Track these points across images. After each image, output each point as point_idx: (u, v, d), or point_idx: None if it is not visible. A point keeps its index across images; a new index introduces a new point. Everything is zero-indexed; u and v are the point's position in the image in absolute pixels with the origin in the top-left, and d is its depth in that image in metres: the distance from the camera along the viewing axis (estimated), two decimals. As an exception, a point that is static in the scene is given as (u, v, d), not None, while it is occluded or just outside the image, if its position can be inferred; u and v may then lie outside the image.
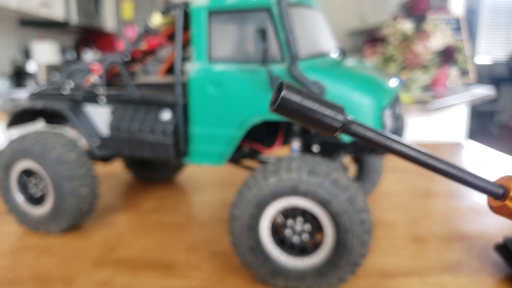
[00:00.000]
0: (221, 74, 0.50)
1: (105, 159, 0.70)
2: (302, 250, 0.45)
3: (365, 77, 0.49)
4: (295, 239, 0.45)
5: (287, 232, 0.45)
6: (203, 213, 0.72)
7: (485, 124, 5.57)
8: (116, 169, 0.98)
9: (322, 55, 0.53)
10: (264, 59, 0.45)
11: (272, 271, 0.45)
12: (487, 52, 5.66)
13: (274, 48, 0.47)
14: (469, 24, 5.15)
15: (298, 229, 0.45)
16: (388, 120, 0.46)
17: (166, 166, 0.88)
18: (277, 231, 0.46)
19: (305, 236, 0.45)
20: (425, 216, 0.68)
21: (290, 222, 0.45)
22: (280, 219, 0.46)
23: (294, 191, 0.43)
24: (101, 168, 0.97)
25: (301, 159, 0.44)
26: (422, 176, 0.94)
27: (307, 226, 0.44)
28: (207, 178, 0.91)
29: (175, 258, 0.54)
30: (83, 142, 0.63)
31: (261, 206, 0.45)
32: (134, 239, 0.60)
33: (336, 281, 0.44)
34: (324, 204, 0.42)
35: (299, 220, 0.44)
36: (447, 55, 2.27)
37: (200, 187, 0.85)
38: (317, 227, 0.44)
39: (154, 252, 0.56)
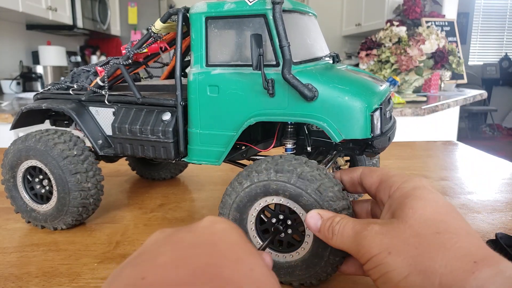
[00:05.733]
0: (219, 77, 0.52)
1: (109, 159, 0.72)
2: (290, 245, 0.47)
3: (356, 81, 0.51)
4: (282, 235, 0.47)
5: (277, 227, 0.47)
6: (204, 209, 0.74)
7: (478, 125, 5.62)
8: (121, 167, 1.00)
9: (316, 59, 0.55)
10: (259, 63, 0.46)
11: None
12: (479, 55, 5.71)
13: (269, 52, 0.49)
14: (462, 27, 5.22)
15: (282, 225, 0.47)
16: (378, 122, 0.48)
17: (171, 165, 0.90)
18: (265, 230, 0.48)
19: (290, 231, 0.46)
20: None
21: (274, 220, 0.47)
22: (265, 219, 0.48)
23: (266, 192, 0.45)
24: (105, 167, 0.99)
25: (270, 159, 0.46)
26: (415, 175, 0.96)
27: (289, 221, 0.46)
28: (208, 177, 0.94)
29: (176, 253, 0.56)
30: (87, 143, 0.66)
31: (241, 210, 0.47)
32: (139, 235, 0.62)
33: (325, 274, 0.45)
34: (295, 198, 0.44)
35: (281, 217, 0.46)
36: (441, 58, 2.31)
37: (201, 186, 0.88)
38: (297, 221, 0.46)
39: (156, 248, 0.58)
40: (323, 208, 0.42)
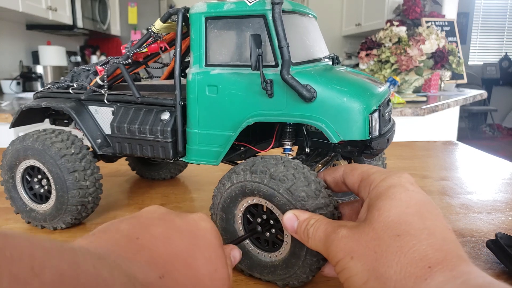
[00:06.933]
0: (218, 77, 0.52)
1: (108, 158, 0.72)
2: (274, 244, 0.47)
3: (354, 83, 0.51)
4: (267, 235, 0.47)
5: (255, 227, 0.48)
6: (204, 209, 0.74)
7: (478, 125, 5.62)
8: (121, 167, 1.00)
9: (315, 61, 0.55)
10: (258, 64, 0.46)
11: (249, 266, 0.48)
12: (479, 55, 5.72)
13: (268, 53, 0.49)
14: (462, 27, 5.22)
15: (266, 225, 0.47)
16: (376, 123, 0.48)
17: (171, 165, 0.90)
18: (254, 229, 0.48)
19: (273, 231, 0.47)
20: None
21: (259, 220, 0.47)
22: (251, 219, 0.48)
23: (244, 192, 0.45)
24: (105, 167, 0.99)
25: (249, 161, 0.47)
26: (415, 175, 0.96)
27: (271, 221, 0.47)
28: (208, 177, 0.94)
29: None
30: (86, 142, 0.66)
31: (225, 210, 0.48)
32: (137, 235, 0.62)
33: (305, 276, 0.45)
34: (269, 198, 0.44)
35: (264, 217, 0.47)
36: (441, 58, 2.31)
37: (201, 186, 0.88)
38: (278, 221, 0.46)
39: (155, 247, 0.58)
40: (297, 208, 0.41)
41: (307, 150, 0.57)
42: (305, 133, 0.57)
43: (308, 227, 0.38)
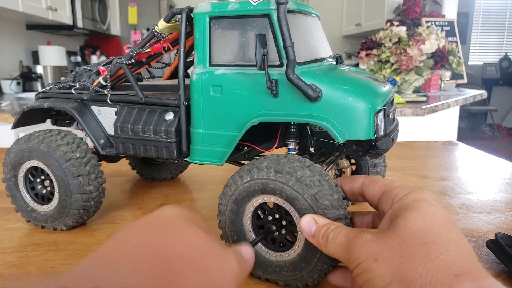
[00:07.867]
0: (222, 77, 0.52)
1: (111, 159, 0.72)
2: (282, 244, 0.47)
3: (359, 82, 0.51)
4: (276, 234, 0.47)
5: (269, 227, 0.47)
6: (205, 209, 0.74)
7: (478, 125, 5.63)
8: (121, 168, 1.00)
9: (319, 60, 0.55)
10: (263, 64, 0.46)
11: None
12: (479, 55, 5.72)
13: (272, 53, 0.49)
14: (462, 27, 5.23)
15: (277, 224, 0.47)
16: (381, 123, 0.48)
17: (172, 165, 0.90)
18: (261, 226, 0.48)
19: (284, 231, 0.47)
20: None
21: (270, 218, 0.47)
22: (262, 215, 0.48)
23: (264, 190, 0.45)
24: (106, 167, 0.99)
25: (273, 158, 0.46)
26: (415, 175, 0.96)
27: (284, 222, 0.46)
28: (208, 177, 0.94)
29: (177, 253, 0.56)
30: (89, 143, 0.65)
31: (238, 203, 0.47)
32: (138, 235, 0.62)
33: (311, 280, 0.45)
34: (290, 201, 0.43)
35: (277, 216, 0.47)
36: (441, 58, 2.31)
37: (202, 185, 0.88)
38: (292, 223, 0.46)
39: (158, 248, 0.58)
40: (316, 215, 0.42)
41: (312, 150, 0.57)
42: (309, 133, 0.57)
43: (328, 232, 0.39)
